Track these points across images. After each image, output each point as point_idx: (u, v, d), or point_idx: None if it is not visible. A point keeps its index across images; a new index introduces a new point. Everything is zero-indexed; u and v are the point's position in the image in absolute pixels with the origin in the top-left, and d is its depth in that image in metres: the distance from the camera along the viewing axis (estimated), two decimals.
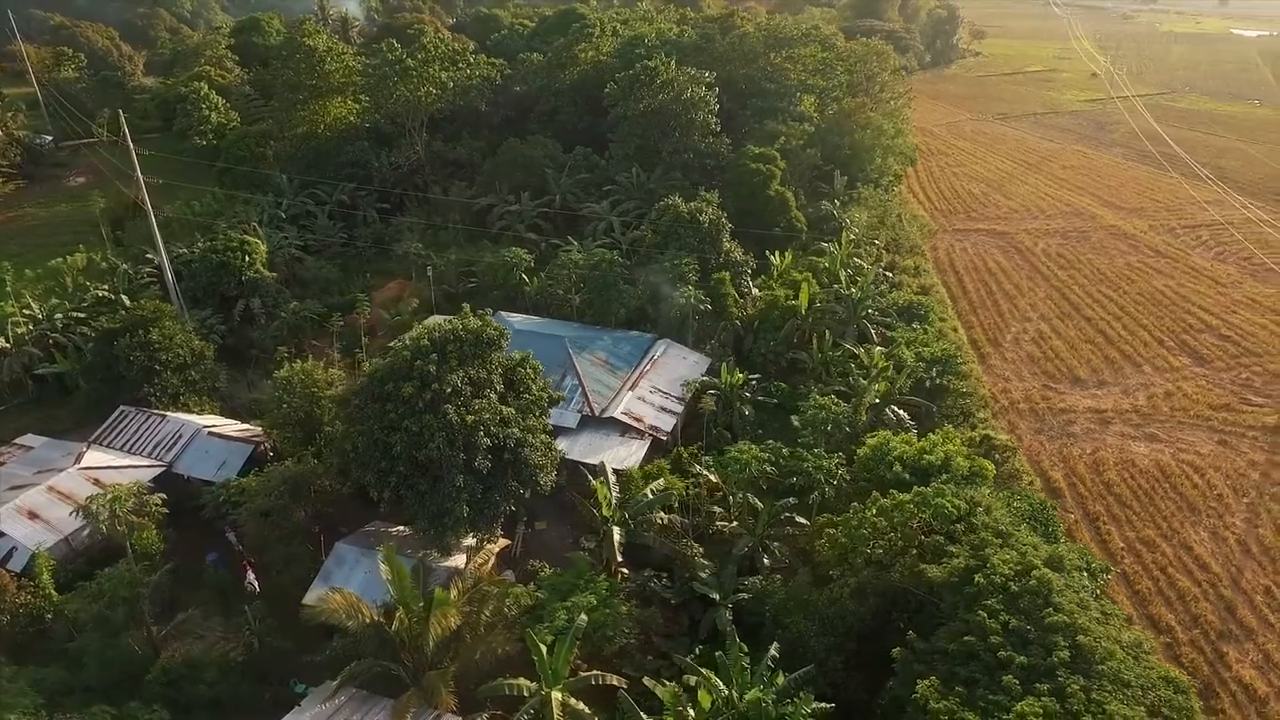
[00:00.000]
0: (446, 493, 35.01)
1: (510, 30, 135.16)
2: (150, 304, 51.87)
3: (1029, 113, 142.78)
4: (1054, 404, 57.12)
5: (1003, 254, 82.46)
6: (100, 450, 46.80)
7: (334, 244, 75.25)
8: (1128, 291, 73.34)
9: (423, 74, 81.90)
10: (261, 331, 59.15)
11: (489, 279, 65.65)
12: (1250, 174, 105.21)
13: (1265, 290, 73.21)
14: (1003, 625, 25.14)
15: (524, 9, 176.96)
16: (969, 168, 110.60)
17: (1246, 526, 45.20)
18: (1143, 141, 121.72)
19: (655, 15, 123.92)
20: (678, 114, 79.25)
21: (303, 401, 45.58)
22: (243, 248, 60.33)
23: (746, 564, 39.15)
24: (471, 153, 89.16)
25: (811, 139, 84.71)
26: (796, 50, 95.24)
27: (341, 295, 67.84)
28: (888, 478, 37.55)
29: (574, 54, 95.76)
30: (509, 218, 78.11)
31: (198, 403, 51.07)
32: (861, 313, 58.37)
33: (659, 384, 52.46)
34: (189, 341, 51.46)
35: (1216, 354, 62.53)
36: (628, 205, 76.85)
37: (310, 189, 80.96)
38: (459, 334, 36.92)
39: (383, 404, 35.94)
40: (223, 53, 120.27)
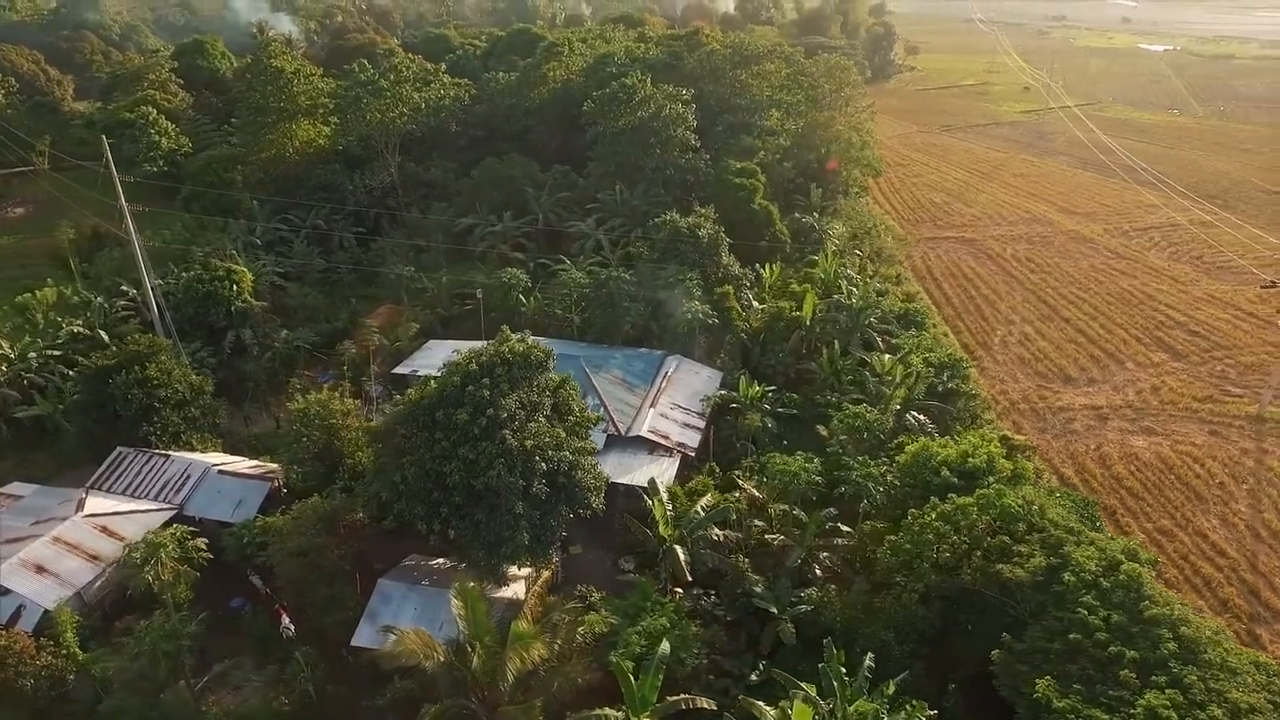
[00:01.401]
0: (505, 521, 34.03)
1: (464, 50, 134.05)
2: (144, 338, 49.25)
3: (972, 124, 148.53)
4: (1051, 403, 59.12)
5: (975, 260, 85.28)
6: (101, 496, 44.01)
7: (313, 270, 72.81)
8: (1097, 292, 76.63)
9: (396, 94, 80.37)
10: (254, 363, 56.69)
11: (485, 300, 64.50)
12: (1185, 178, 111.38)
13: (1220, 287, 77.43)
14: (1104, 620, 25.73)
15: (470, 30, 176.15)
16: (927, 178, 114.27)
17: (1252, 512, 47.44)
18: (1083, 149, 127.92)
19: (613, 34, 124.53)
20: (657, 131, 79.64)
21: (321, 434, 43.84)
22: (229, 277, 57.83)
23: (796, 576, 39.15)
24: (445, 174, 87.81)
25: (786, 153, 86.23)
26: (763, 66, 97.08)
27: (328, 322, 65.80)
28: (934, 482, 38.06)
29: (543, 73, 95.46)
30: (492, 238, 77.05)
31: (200, 440, 48.57)
32: (864, 321, 59.40)
33: (678, 400, 52.28)
34: (186, 376, 48.98)
35: (1190, 349, 65.74)
36: (614, 223, 76.70)
37: (282, 214, 78.35)
38: (506, 357, 36.04)
39: (432, 432, 34.80)
40: (166, 76, 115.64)
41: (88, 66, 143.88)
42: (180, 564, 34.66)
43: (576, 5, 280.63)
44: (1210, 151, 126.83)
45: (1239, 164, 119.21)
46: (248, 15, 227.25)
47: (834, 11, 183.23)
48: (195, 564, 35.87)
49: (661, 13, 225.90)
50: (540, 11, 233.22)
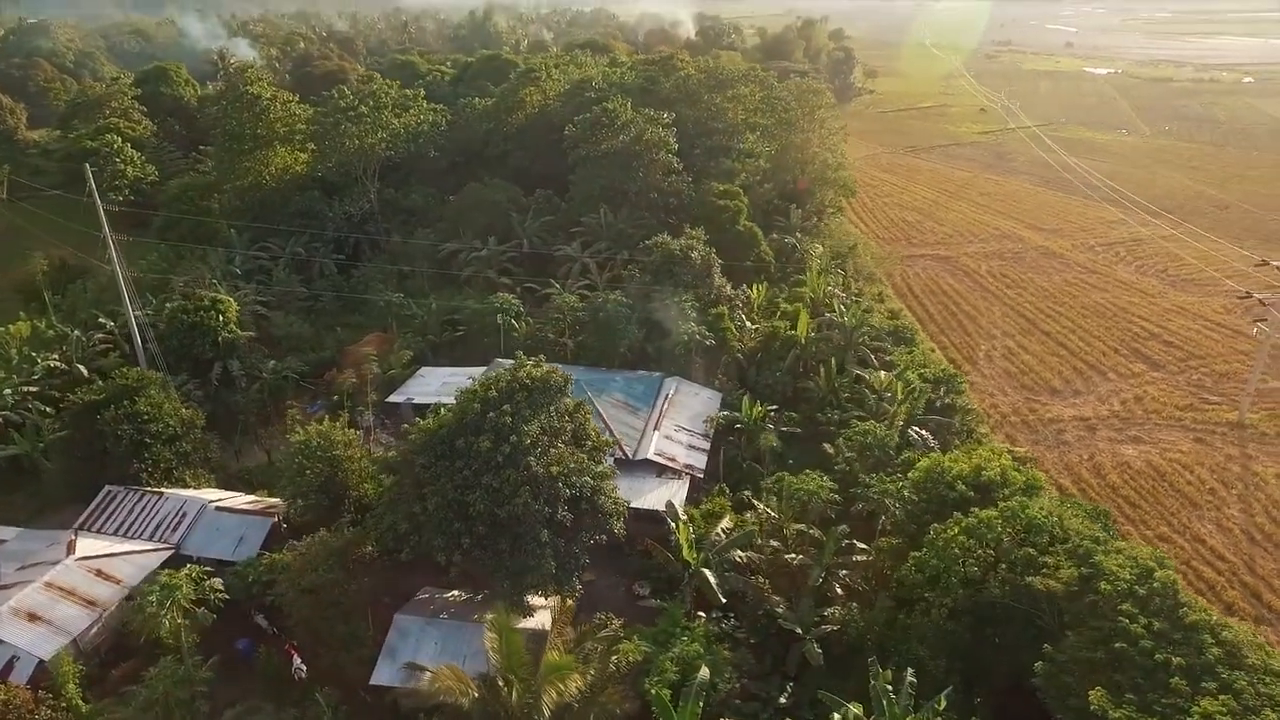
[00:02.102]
0: (529, 549, 33.41)
1: (432, 77, 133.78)
2: (133, 371, 47.60)
3: (934, 145, 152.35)
4: (1041, 415, 60.30)
5: (952, 276, 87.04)
6: (92, 537, 42.18)
7: (296, 298, 71.36)
8: (1072, 306, 78.68)
9: (376, 120, 79.68)
10: (243, 395, 55.17)
11: (476, 326, 63.88)
12: (1142, 194, 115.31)
13: (1188, 299, 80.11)
14: (1146, 628, 26.08)
15: (436, 56, 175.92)
16: (897, 198, 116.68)
17: (1245, 517, 48.73)
18: (1043, 168, 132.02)
19: (584, 60, 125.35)
20: (639, 154, 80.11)
21: (325, 466, 42.69)
22: (215, 307, 56.35)
23: (816, 595, 39.05)
24: (426, 199, 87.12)
25: (766, 175, 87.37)
26: (737, 90, 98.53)
27: (314, 351, 64.45)
28: (950, 497, 38.40)
29: (520, 98, 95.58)
30: (477, 263, 76.46)
31: (194, 476, 46.94)
32: (858, 339, 60.09)
33: (681, 422, 52.13)
34: (177, 410, 47.40)
35: (1166, 359, 67.73)
36: (599, 246, 76.71)
37: (261, 242, 76.83)
38: (524, 383, 35.59)
39: (452, 461, 34.12)
40: (129, 104, 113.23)
41: (43, 94, 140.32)
42: (196, 606, 33.22)
43: (538, 32, 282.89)
44: (1162, 169, 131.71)
45: (1189, 180, 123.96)
46: (205, 42, 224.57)
47: (797, 37, 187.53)
48: (212, 605, 34.46)
49: (624, 38, 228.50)
50: (504, 38, 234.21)
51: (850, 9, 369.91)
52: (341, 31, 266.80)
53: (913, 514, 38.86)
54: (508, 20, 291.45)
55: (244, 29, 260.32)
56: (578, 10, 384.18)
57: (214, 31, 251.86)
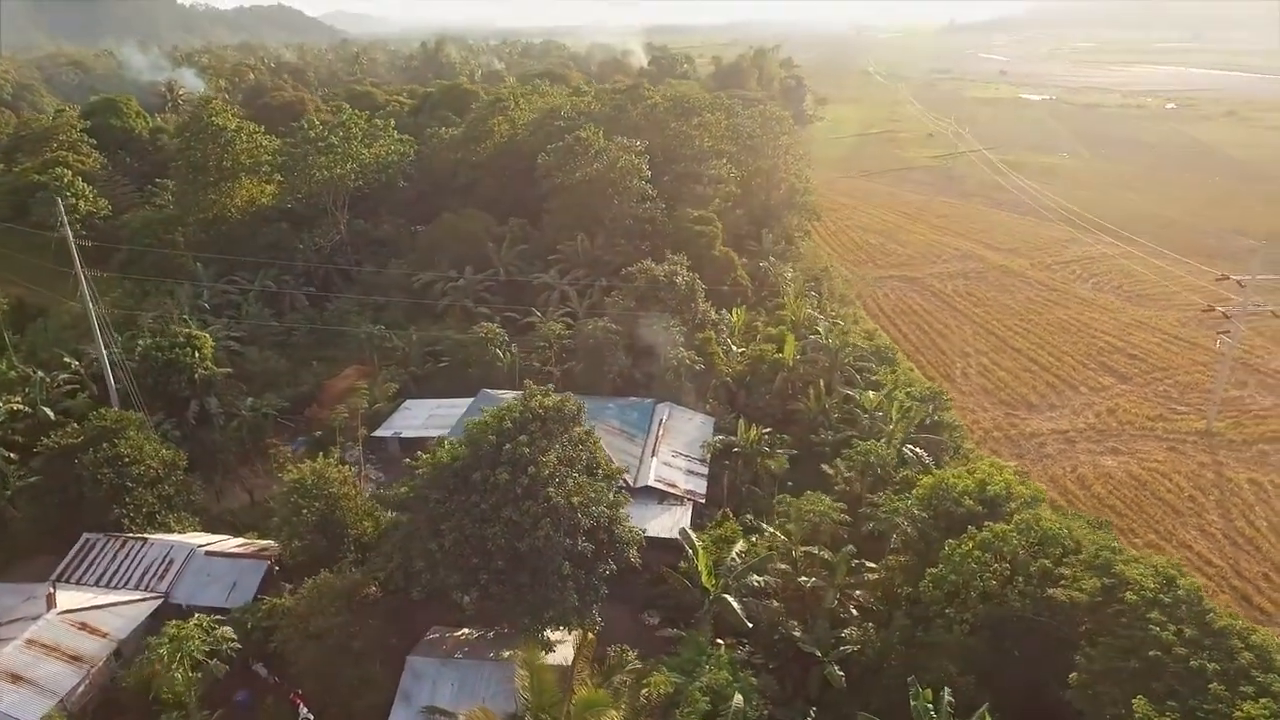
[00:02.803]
0: (552, 583, 32.71)
1: (391, 107, 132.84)
2: (111, 413, 45.54)
3: (888, 169, 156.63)
4: (1022, 429, 61.78)
5: (920, 297, 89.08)
6: (72, 588, 39.99)
7: (268, 333, 69.46)
8: (1037, 322, 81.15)
9: (347, 151, 78.62)
10: (221, 434, 53.25)
11: (460, 356, 62.96)
12: (1090, 214, 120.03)
13: (1145, 313, 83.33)
14: (1177, 634, 26.64)
15: (392, 87, 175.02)
16: (858, 221, 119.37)
17: (1225, 521, 50.44)
18: (993, 190, 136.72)
19: (547, 89, 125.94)
20: (614, 181, 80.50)
21: (321, 504, 41.32)
22: (191, 343, 54.46)
23: (830, 617, 39.02)
24: (397, 230, 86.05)
25: (738, 200, 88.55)
26: (703, 118, 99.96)
27: (291, 387, 62.67)
28: (957, 513, 38.89)
29: (489, 127, 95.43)
30: (454, 293, 75.61)
31: (177, 520, 44.96)
32: (843, 360, 60.88)
33: (677, 447, 51.98)
34: (158, 452, 45.46)
35: (1133, 371, 70.16)
36: (577, 273, 76.61)
37: (229, 276, 74.77)
38: (538, 412, 35.06)
39: (468, 495, 33.32)
40: (77, 137, 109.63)
41: None
42: (208, 659, 31.60)
43: (490, 62, 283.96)
44: (1104, 190, 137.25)
45: (1131, 201, 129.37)
46: (148, 74, 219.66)
47: (750, 66, 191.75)
48: (224, 656, 32.82)
49: (577, 68, 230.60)
50: (458, 69, 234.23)
51: (795, 38, 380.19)
52: (290, 62, 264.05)
53: (923, 531, 39.18)
54: (459, 51, 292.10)
55: (188, 60, 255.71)
56: (528, 42, 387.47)
57: (157, 63, 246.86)
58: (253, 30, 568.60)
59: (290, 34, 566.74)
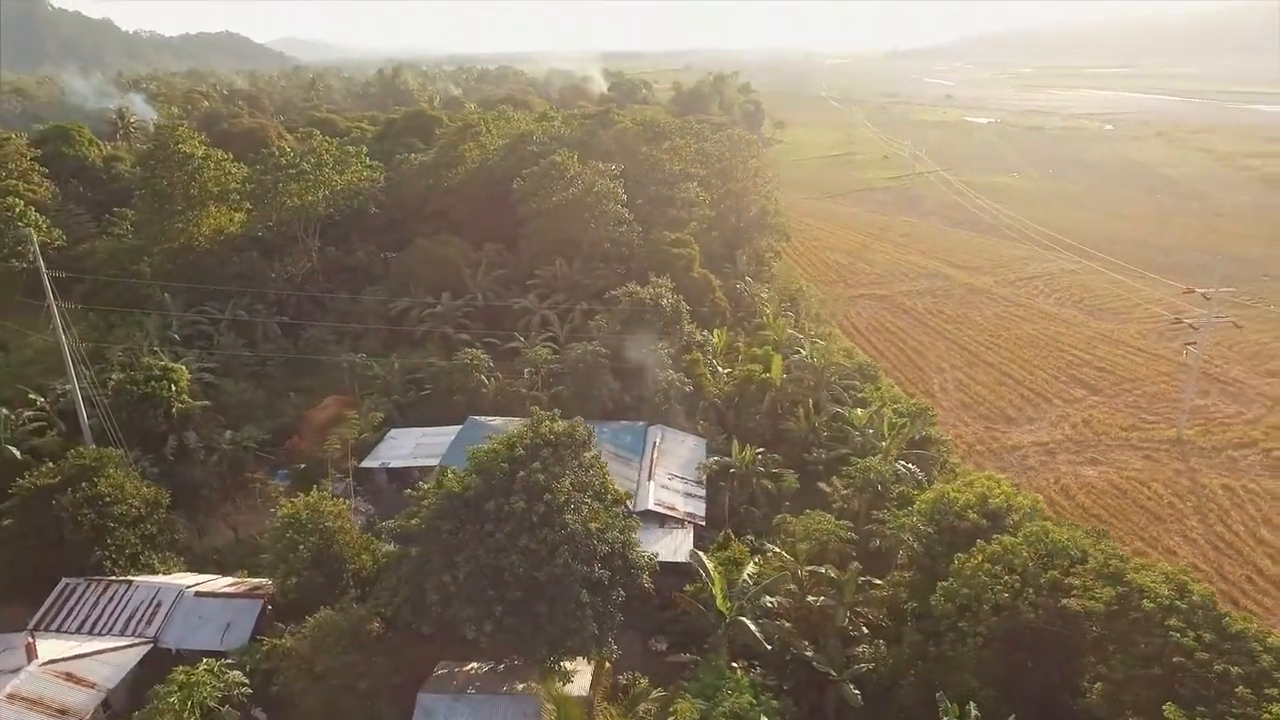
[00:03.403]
0: (570, 612, 32.15)
1: (355, 134, 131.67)
2: (90, 450, 43.71)
3: (848, 191, 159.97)
4: (1003, 442, 63.01)
5: (892, 315, 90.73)
6: (53, 637, 37.97)
7: (242, 363, 67.63)
8: (1006, 338, 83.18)
9: (319, 177, 77.48)
10: (201, 469, 51.50)
11: (444, 384, 62.10)
12: (1045, 232, 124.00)
13: (1107, 326, 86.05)
14: (1197, 640, 27.25)
15: (351, 114, 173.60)
16: (826, 241, 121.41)
17: (1204, 527, 51.98)
18: (951, 210, 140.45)
19: (513, 115, 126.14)
20: (590, 206, 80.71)
21: (317, 539, 40.09)
22: (167, 376, 52.74)
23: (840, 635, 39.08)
24: (369, 256, 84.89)
25: (713, 223, 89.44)
26: (673, 142, 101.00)
27: (270, 419, 60.98)
28: (961, 526, 39.37)
29: (460, 153, 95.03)
30: (432, 319, 74.71)
31: (162, 560, 43.13)
32: (829, 378, 61.55)
33: (673, 470, 51.80)
34: (139, 490, 43.71)
35: (1102, 383, 72.23)
36: (557, 298, 76.38)
37: (197, 306, 72.77)
38: (549, 438, 34.65)
39: (481, 525, 32.67)
40: (28, 165, 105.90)
41: None
42: (220, 705, 30.22)
43: (447, 88, 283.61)
44: (1055, 208, 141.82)
45: (1081, 218, 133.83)
46: (94, 101, 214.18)
47: (711, 91, 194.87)
48: (236, 703, 31.41)
49: (537, 93, 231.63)
50: (417, 95, 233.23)
51: (748, 64, 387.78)
52: (243, 89, 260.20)
53: (928, 546, 39.53)
54: (415, 77, 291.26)
55: (135, 86, 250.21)
56: (483, 68, 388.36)
57: (104, 90, 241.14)
58: (200, 57, 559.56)
59: (239, 61, 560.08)
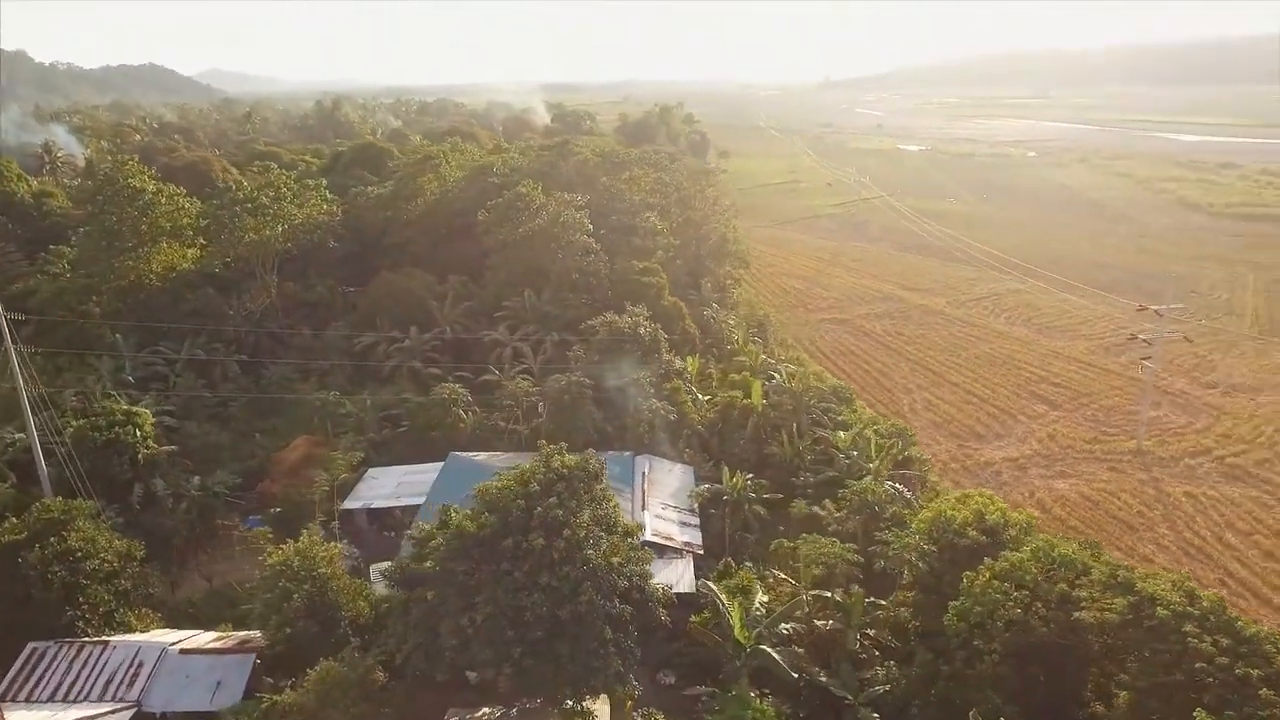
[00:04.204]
0: (593, 650, 31.40)
1: (302, 167, 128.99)
2: (57, 503, 41.03)
3: (797, 218, 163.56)
4: (976, 459, 64.62)
5: (854, 338, 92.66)
6: (22, 708, 35.26)
7: (203, 405, 64.85)
8: (966, 357, 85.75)
9: (278, 211, 75.44)
10: (171, 517, 48.94)
11: (421, 420, 60.64)
12: (988, 253, 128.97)
13: (1058, 344, 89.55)
14: (1215, 645, 28.14)
15: (296, 146, 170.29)
16: (781, 267, 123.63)
17: (1173, 534, 54.07)
18: (896, 235, 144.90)
19: (464, 147, 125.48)
20: (556, 236, 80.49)
21: (310, 587, 38.39)
22: (131, 420, 50.17)
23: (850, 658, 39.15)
24: (330, 292, 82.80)
25: (677, 251, 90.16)
26: (632, 172, 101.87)
27: (237, 462, 58.50)
28: (961, 544, 40.06)
29: (419, 184, 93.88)
30: (400, 354, 73.10)
31: (139, 617, 40.63)
32: (808, 402, 62.26)
33: (664, 499, 51.48)
34: (111, 543, 41.21)
35: (1061, 399, 74.94)
36: (528, 329, 75.62)
37: (151, 347, 69.66)
38: (561, 472, 34.03)
39: (498, 564, 31.76)
40: None
41: None
42: None
43: (386, 119, 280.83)
44: (993, 231, 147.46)
45: (1018, 241, 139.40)
46: (14, 135, 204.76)
47: (658, 121, 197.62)
48: None
49: (480, 125, 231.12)
50: (357, 128, 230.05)
51: (685, 96, 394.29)
52: (174, 122, 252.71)
53: (932, 565, 40.06)
54: (354, 109, 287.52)
55: (56, 119, 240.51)
56: (422, 100, 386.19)
57: (23, 123, 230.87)
58: (122, 90, 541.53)
59: (164, 94, 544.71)
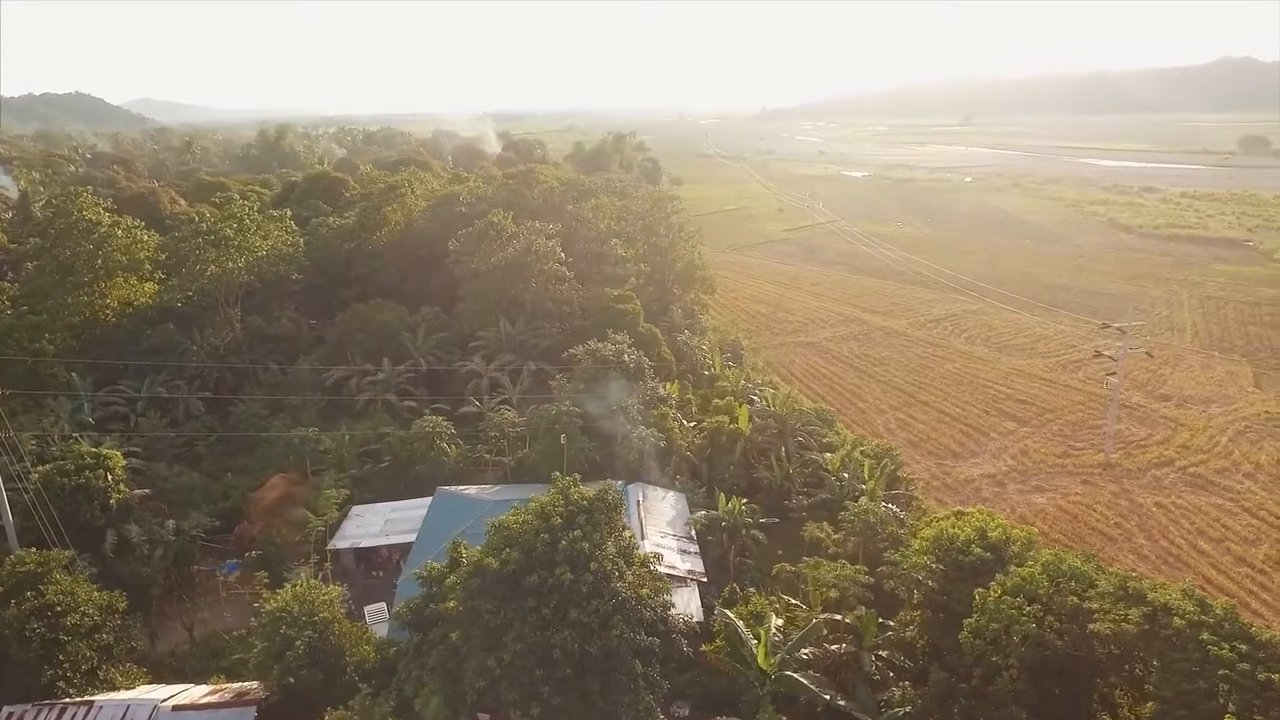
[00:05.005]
0: (624, 685, 30.77)
1: (253, 197, 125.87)
2: (32, 554, 38.52)
3: (752, 243, 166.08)
4: (955, 477, 65.90)
5: (823, 360, 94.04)
6: None
7: (170, 445, 62.13)
8: (933, 376, 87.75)
9: (241, 244, 73.27)
10: (148, 565, 46.47)
11: (404, 454, 59.15)
12: (941, 274, 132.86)
13: (1017, 362, 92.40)
14: (1235, 651, 29.03)
15: (244, 177, 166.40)
16: (743, 292, 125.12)
17: (1150, 543, 55.90)
18: (851, 258, 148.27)
19: (424, 177, 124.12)
20: (530, 265, 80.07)
21: (312, 633, 36.80)
22: (101, 463, 47.65)
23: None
24: (295, 325, 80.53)
25: (648, 278, 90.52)
26: (598, 200, 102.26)
27: (209, 504, 56.01)
28: (966, 561, 40.69)
29: (383, 215, 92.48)
30: (374, 387, 71.36)
31: (123, 674, 38.22)
32: (793, 425, 62.80)
33: (662, 527, 51.03)
34: (91, 595, 38.85)
35: (1028, 415, 77.16)
36: (504, 359, 74.73)
37: (110, 385, 66.55)
38: (582, 504, 33.49)
39: (523, 601, 30.97)
40: None
41: None
42: None
43: (330, 148, 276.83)
44: (941, 254, 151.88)
45: (966, 262, 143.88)
46: None
47: (612, 150, 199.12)
48: None
49: (429, 154, 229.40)
50: (303, 158, 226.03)
51: (629, 124, 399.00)
52: (107, 153, 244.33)
53: (941, 584, 40.54)
54: (297, 138, 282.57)
55: None
56: (366, 130, 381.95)
57: None
58: (45, 118, 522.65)
59: (91, 123, 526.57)
